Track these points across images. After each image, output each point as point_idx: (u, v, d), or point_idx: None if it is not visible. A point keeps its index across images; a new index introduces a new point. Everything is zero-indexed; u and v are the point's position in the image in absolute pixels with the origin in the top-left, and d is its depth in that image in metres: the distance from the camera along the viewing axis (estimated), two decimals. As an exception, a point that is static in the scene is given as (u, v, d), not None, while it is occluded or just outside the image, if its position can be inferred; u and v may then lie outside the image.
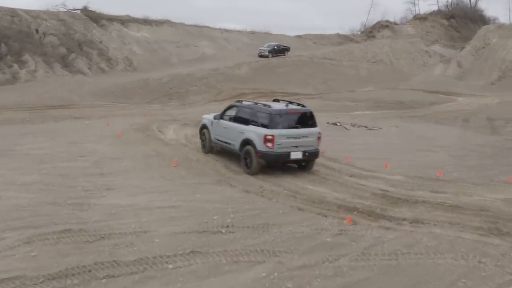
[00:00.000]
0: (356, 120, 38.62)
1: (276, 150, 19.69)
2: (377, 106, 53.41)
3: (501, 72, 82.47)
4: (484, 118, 43.93)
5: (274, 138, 19.54)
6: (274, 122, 19.79)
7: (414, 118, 43.32)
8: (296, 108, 21.13)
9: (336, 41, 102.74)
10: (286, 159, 20.21)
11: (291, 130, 20.17)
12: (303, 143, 20.29)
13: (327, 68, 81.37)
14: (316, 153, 20.86)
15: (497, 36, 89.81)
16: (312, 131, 20.75)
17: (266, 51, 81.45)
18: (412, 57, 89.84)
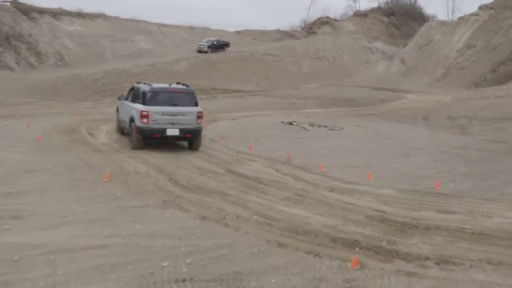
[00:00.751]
0: (312, 119, 34.32)
1: (152, 126, 20.16)
2: (328, 103, 49.43)
3: (445, 69, 79.79)
4: (444, 116, 40.36)
5: (149, 114, 20.05)
6: (151, 99, 20.38)
7: (371, 117, 39.39)
8: (174, 87, 21.68)
9: (277, 37, 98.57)
10: (162, 135, 20.44)
11: (168, 107, 20.47)
12: (181, 121, 20.53)
13: (269, 64, 77.47)
14: (196, 132, 21.02)
15: (440, 33, 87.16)
16: (190, 109, 20.89)
17: (205, 46, 78.27)
18: (355, 54, 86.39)
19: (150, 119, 20.08)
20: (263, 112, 39.20)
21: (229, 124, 29.93)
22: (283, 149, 22.12)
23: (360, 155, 22.11)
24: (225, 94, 59.28)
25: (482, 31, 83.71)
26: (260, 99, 52.02)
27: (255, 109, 42.28)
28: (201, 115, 21.12)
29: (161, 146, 21.48)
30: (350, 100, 53.26)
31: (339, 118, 36.58)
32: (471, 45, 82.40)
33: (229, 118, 33.75)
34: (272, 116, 35.60)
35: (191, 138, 21.14)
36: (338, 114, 40.63)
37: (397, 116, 39.95)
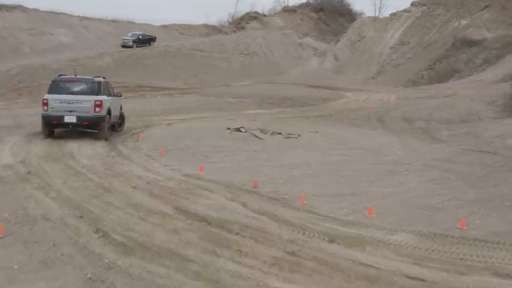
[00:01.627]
0: (259, 123, 29.29)
1: (51, 113, 20.52)
2: (267, 103, 44.34)
3: (379, 66, 76.35)
4: (399, 118, 36.18)
5: (47, 101, 20.53)
6: (51, 88, 20.97)
7: (321, 119, 34.71)
8: (75, 77, 22.08)
9: (204, 32, 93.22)
10: (60, 122, 20.68)
11: (65, 95, 20.75)
12: (78, 109, 20.66)
13: (198, 60, 72.08)
14: (94, 119, 20.88)
15: (373, 29, 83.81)
16: (87, 98, 20.84)
17: (130, 40, 72.23)
18: (286, 50, 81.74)
19: (49, 106, 20.51)
20: (201, 114, 33.81)
21: (165, 132, 24.31)
22: (243, 169, 16.90)
23: (341, 176, 16.98)
24: (153, 92, 53.82)
25: (416, 27, 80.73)
26: (192, 98, 46.54)
27: (190, 110, 36.85)
28: (99, 103, 20.87)
29: (80, 170, 15.99)
30: (289, 99, 48.48)
31: (288, 122, 31.70)
32: (404, 41, 79.27)
33: (164, 122, 28.17)
34: (214, 120, 30.27)
35: (88, 125, 20.99)
36: (284, 115, 35.75)
37: (349, 118, 35.34)
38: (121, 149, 19.45)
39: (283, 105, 42.54)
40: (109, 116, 21.71)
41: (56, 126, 21.03)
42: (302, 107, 42.52)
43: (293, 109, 40.46)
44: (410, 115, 37.06)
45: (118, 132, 24.15)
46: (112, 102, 22.43)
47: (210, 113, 34.68)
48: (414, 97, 47.87)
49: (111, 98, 22.65)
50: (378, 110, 39.56)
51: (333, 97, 50.58)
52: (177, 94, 52.22)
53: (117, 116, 23.97)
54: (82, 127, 21.09)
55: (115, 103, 23.24)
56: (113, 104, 22.76)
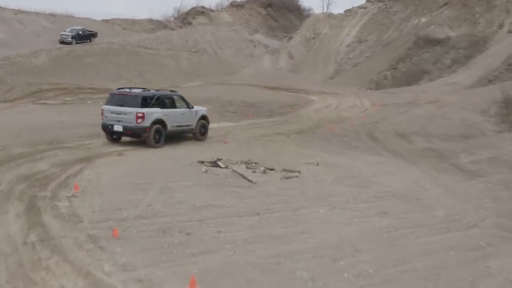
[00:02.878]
0: (233, 146, 22.08)
1: (105, 122, 21.89)
2: (230, 112, 36.97)
3: (336, 65, 69.81)
4: (392, 133, 29.58)
5: (103, 111, 22.06)
6: (108, 100, 22.46)
7: (305, 137, 27.56)
8: (123, 91, 22.79)
9: (149, 27, 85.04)
10: (111, 130, 21.83)
11: (116, 107, 21.58)
12: (123, 119, 21.29)
13: (143, 58, 64.18)
14: (136, 129, 21.30)
15: (327, 26, 77.27)
16: (131, 110, 21.25)
17: (69, 36, 63.79)
18: (237, 47, 74.15)
19: (104, 116, 21.88)
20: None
21: (116, 173, 16.36)
22: (261, 273, 9.52)
23: (423, 277, 9.83)
24: (94, 94, 45.86)
25: (373, 25, 74.58)
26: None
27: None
28: (141, 115, 21.20)
29: None
30: (252, 105, 41.21)
31: (269, 143, 24.36)
32: (362, 39, 73.03)
33: (111, 150, 20.40)
34: (175, 145, 22.56)
35: (131, 134, 21.86)
36: (257, 131, 28.40)
37: (336, 135, 28.32)
38: (47, 222, 11.59)
39: (250, 114, 35.13)
40: (162, 127, 22.06)
41: (108, 132, 22.29)
42: (272, 117, 35.25)
43: (263, 120, 33.14)
44: (403, 129, 30.43)
45: (201, 140, 24.24)
46: (170, 114, 22.58)
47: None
48: (391, 103, 41.28)
49: (170, 110, 22.71)
50: (363, 122, 32.60)
51: (299, 102, 43.46)
52: (123, 98, 44.38)
53: (190, 127, 24.03)
54: (127, 136, 22.14)
55: (178, 115, 23.20)
56: (173, 115, 22.80)
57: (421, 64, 60.52)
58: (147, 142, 21.50)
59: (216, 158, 18.49)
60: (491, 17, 66.14)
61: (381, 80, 61.22)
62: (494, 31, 63.55)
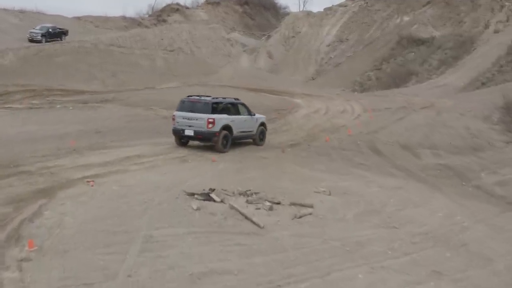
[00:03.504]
0: (222, 166, 18.55)
1: (177, 127, 22.82)
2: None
3: (317, 65, 66.51)
4: (396, 145, 26.26)
5: (174, 117, 22.94)
6: (179, 106, 23.27)
7: (301, 151, 24.12)
8: (194, 98, 23.33)
9: (122, 25, 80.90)
10: (182, 134, 22.72)
11: (187, 113, 22.54)
12: (195, 124, 22.27)
13: (117, 58, 60.48)
14: (206, 134, 22.17)
15: (307, 24, 73.91)
16: (202, 116, 22.14)
17: (39, 34, 59.87)
18: (214, 46, 70.44)
19: (176, 121, 22.76)
20: (133, 148, 22.08)
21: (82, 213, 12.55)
22: None
23: None
24: (64, 97, 42.16)
25: (354, 23, 71.39)
26: (115, 111, 34.83)
27: (116, 136, 25.33)
28: (211, 121, 22.03)
29: None
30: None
31: (264, 162, 20.79)
32: (342, 38, 69.85)
33: (80, 176, 16.52)
34: (158, 166, 18.79)
35: (202, 139, 22.72)
36: (249, 146, 24.81)
37: (335, 148, 24.89)
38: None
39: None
40: (229, 132, 22.82)
41: (179, 137, 23.07)
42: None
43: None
44: (405, 140, 27.15)
45: (260, 145, 24.92)
46: (235, 120, 23.42)
47: (146, 144, 23.26)
48: (383, 107, 38.07)
49: (235, 117, 23.56)
50: (360, 131, 29.22)
51: (285, 106, 40.00)
52: (95, 102, 40.45)
53: (251, 133, 24.76)
54: (197, 140, 23.02)
55: (242, 121, 23.96)
56: (238, 122, 23.61)
57: (406, 65, 57.46)
58: (216, 146, 22.53)
59: (208, 188, 14.88)
60: (476, 17, 63.38)
61: (365, 81, 58.06)
62: (480, 31, 60.79)
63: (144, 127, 28.73)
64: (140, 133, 26.54)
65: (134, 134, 26.29)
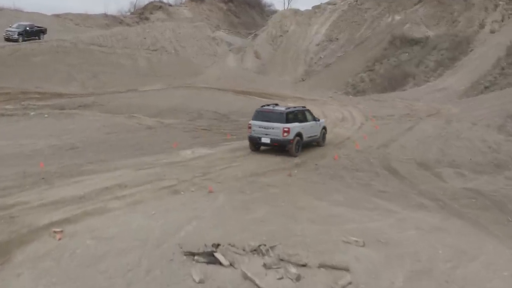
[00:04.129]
0: (222, 199, 15.15)
1: (253, 135, 23.95)
2: (202, 129, 29.85)
3: (306, 65, 62.99)
4: (412, 163, 22.97)
5: (250, 125, 24.01)
6: (255, 116, 24.37)
7: (309, 173, 20.46)
8: (268, 108, 24.74)
9: (103, 23, 76.91)
10: (259, 142, 23.93)
11: (263, 122, 23.73)
12: (271, 133, 23.49)
13: (97, 57, 56.76)
14: (282, 142, 23.44)
15: (295, 23, 70.34)
16: (278, 125, 23.38)
17: (16, 33, 55.91)
18: (200, 45, 66.62)
19: (252, 130, 23.90)
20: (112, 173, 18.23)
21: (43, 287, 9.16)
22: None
23: None
24: (40, 101, 38.59)
25: (343, 22, 67.93)
26: (93, 120, 31.12)
27: (93, 154, 21.67)
28: (287, 130, 23.23)
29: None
30: (224, 118, 34.49)
31: (274, 192, 17.17)
32: (332, 38, 66.35)
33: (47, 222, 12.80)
34: (144, 203, 14.97)
35: (278, 146, 23.67)
36: (248, 166, 21.08)
37: (345, 168, 21.37)
38: None
39: (228, 135, 27.94)
40: (300, 138, 24.02)
41: (255, 144, 24.22)
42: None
43: (245, 143, 25.93)
44: (421, 156, 23.87)
45: (322, 146, 26.05)
46: (304, 127, 24.54)
47: (128, 167, 19.51)
48: (385, 115, 34.83)
49: (304, 124, 24.67)
50: (368, 145, 25.84)
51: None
52: (73, 107, 36.76)
53: (316, 137, 25.84)
54: (273, 147, 23.91)
55: (309, 127, 25.03)
56: (307, 128, 24.72)
57: (401, 66, 54.16)
58: (290, 152, 23.56)
59: (210, 242, 11.29)
60: (470, 16, 60.22)
61: (358, 83, 54.70)
62: (475, 30, 57.64)
63: (126, 141, 25.08)
64: (121, 150, 22.91)
65: (115, 151, 22.65)
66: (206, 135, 27.85)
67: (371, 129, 30.38)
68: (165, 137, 26.52)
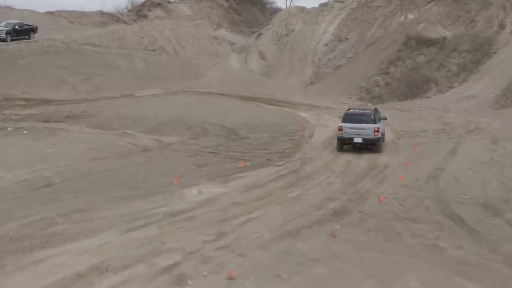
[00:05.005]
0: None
1: (344, 136, 24.87)
2: (209, 151, 24.60)
3: (314, 67, 57.55)
4: (477, 207, 17.61)
5: (341, 127, 24.83)
6: (344, 118, 25.38)
7: (326, 236, 14.95)
8: (359, 111, 26.45)
9: (99, 21, 71.34)
10: (350, 142, 24.90)
11: (354, 124, 24.80)
12: (362, 133, 24.60)
13: (91, 58, 51.61)
14: (373, 140, 24.74)
15: (301, 21, 64.81)
16: (369, 126, 24.65)
17: (4, 32, 50.77)
18: (201, 45, 60.99)
19: (343, 131, 24.75)
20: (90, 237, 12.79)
21: None
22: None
23: None
24: (25, 109, 33.94)
25: (353, 21, 62.42)
26: (79, 140, 25.66)
27: (69, 193, 16.48)
28: (377, 129, 24.67)
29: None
30: (233, 133, 29.24)
31: (321, 274, 11.91)
32: (341, 37, 60.82)
33: None
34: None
35: (369, 145, 24.92)
36: (272, 215, 15.67)
37: (401, 218, 15.98)
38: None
39: (241, 162, 22.38)
40: (383, 136, 26.03)
41: (347, 144, 25.14)
42: (271, 161, 22.87)
43: (262, 173, 20.54)
44: (483, 194, 18.60)
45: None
46: (382, 125, 25.89)
47: (115, 221, 14.20)
48: (417, 130, 29.63)
49: (382, 123, 26.09)
50: (414, 176, 20.52)
51: (293, 126, 31.41)
52: (59, 119, 31.49)
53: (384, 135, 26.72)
54: (364, 146, 24.86)
55: (383, 126, 26.41)
56: (382, 127, 26.08)
57: (420, 69, 48.67)
58: (378, 149, 24.93)
59: None
60: (488, 15, 54.76)
61: (372, 87, 49.35)
62: (495, 31, 52.19)
63: (116, 173, 19.78)
64: (109, 188, 17.63)
65: (100, 190, 17.34)
66: (214, 161, 22.43)
67: (408, 151, 25.15)
68: (164, 166, 21.11)
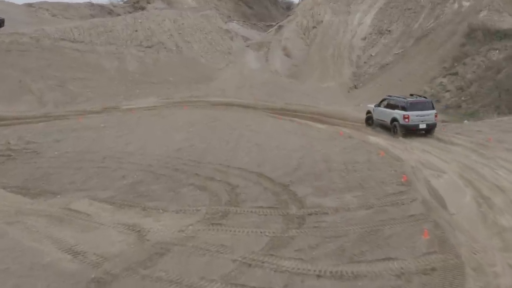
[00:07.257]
0: None
1: (411, 123, 24.32)
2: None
3: (354, 66, 43.32)
4: None
5: (408, 116, 24.26)
6: (409, 108, 24.52)
7: None
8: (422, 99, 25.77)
9: (87, 14, 57.49)
10: (416, 128, 24.47)
11: (419, 111, 24.54)
12: (427, 119, 24.48)
13: (68, 58, 38.27)
14: (434, 125, 24.72)
15: (330, 11, 50.29)
16: (431, 112, 24.66)
17: (-46, 25, 37.47)
18: (209, 40, 46.65)
19: (410, 119, 24.26)
20: None
21: None
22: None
23: None
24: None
25: (394, 10, 48.00)
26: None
27: None
28: (436, 114, 25.14)
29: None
30: (292, 200, 14.25)
31: None
32: (382, 30, 46.47)
33: None
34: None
35: (431, 130, 24.76)
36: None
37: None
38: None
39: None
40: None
41: (413, 131, 24.48)
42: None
43: None
44: None
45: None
46: None
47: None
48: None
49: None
50: None
51: (379, 167, 16.88)
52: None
53: None
54: (427, 131, 24.66)
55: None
56: None
57: (501, 69, 34.33)
58: (433, 133, 24.71)
59: None
60: None
61: (437, 92, 35.18)
62: None
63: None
64: None
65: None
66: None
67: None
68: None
